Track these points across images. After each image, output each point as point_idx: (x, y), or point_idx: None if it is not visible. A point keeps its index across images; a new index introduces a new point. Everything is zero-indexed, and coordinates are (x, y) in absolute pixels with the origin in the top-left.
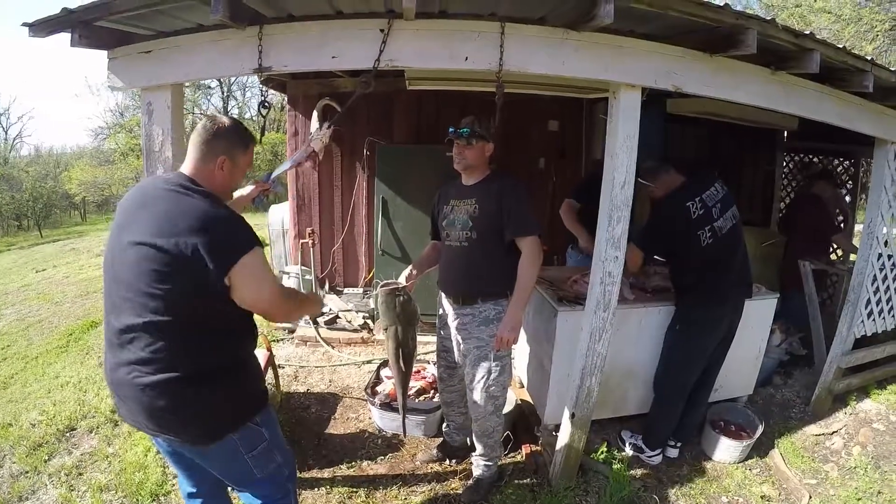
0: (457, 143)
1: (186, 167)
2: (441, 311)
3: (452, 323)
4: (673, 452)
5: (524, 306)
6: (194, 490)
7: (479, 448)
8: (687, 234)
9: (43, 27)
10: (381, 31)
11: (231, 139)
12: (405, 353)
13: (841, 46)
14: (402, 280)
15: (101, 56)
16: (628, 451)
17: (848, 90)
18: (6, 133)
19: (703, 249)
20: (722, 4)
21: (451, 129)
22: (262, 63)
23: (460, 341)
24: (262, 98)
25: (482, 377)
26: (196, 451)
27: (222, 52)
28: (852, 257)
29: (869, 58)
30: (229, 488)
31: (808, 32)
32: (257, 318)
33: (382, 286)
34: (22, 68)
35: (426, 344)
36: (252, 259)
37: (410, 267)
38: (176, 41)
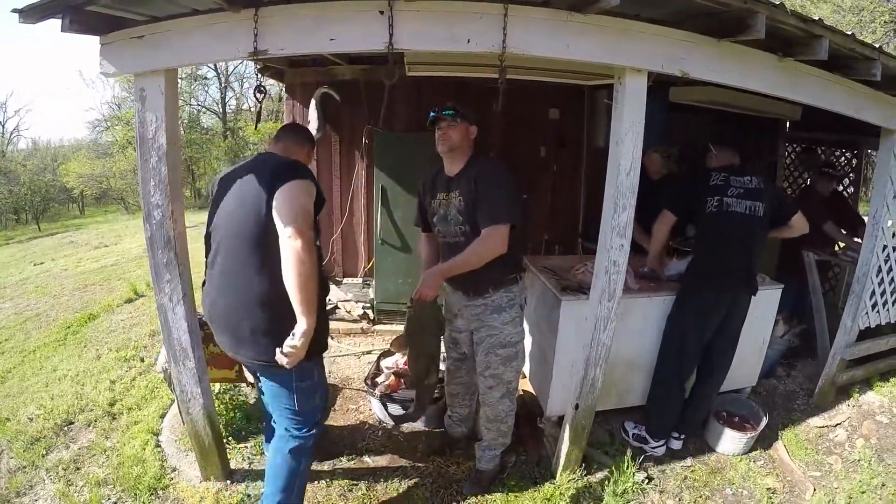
0: (440, 126)
1: None
2: (448, 305)
3: (463, 314)
4: (677, 444)
5: (446, 276)
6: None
7: (488, 435)
8: (698, 196)
9: (33, 13)
10: (381, 12)
11: None
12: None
13: (849, 34)
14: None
15: (94, 49)
16: (632, 441)
17: (855, 78)
18: (3, 127)
19: (706, 217)
20: None
21: (431, 113)
22: (258, 46)
23: (472, 331)
24: (258, 83)
25: (496, 363)
26: (259, 367)
27: (217, 37)
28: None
29: (877, 45)
30: None
31: (816, 18)
32: None
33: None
34: (17, 63)
35: None
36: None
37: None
38: (169, 25)
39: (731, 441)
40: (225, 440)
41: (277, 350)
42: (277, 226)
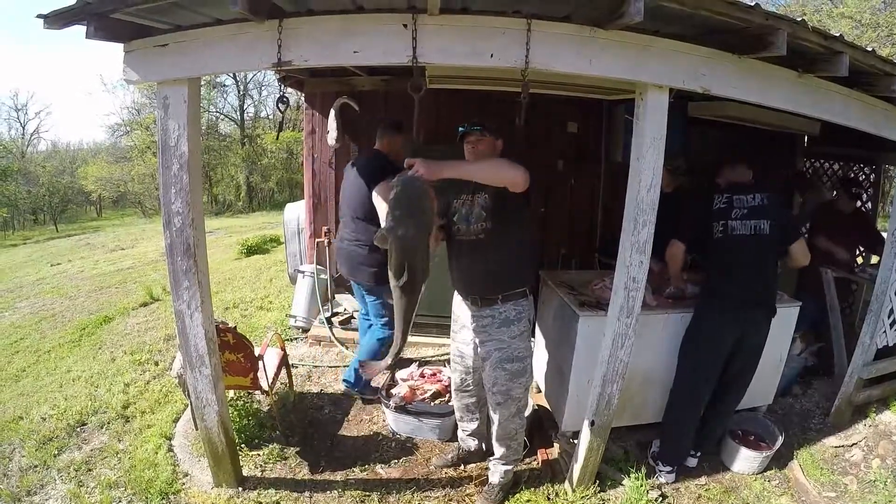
0: (468, 140)
1: None
2: (455, 317)
3: (471, 326)
4: (692, 462)
5: (453, 171)
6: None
7: (499, 451)
8: (705, 221)
9: (57, 19)
10: (404, 25)
11: None
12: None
13: (870, 50)
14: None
15: (115, 54)
16: (650, 460)
17: (874, 94)
18: (24, 128)
19: (715, 243)
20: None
21: (460, 129)
22: (282, 57)
23: (479, 344)
24: (280, 94)
25: (504, 380)
26: (364, 287)
27: (241, 46)
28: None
29: None
30: None
31: (837, 35)
32: (273, 317)
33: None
34: (37, 66)
35: (440, 346)
36: None
37: None
38: (193, 35)
39: (746, 460)
40: (238, 447)
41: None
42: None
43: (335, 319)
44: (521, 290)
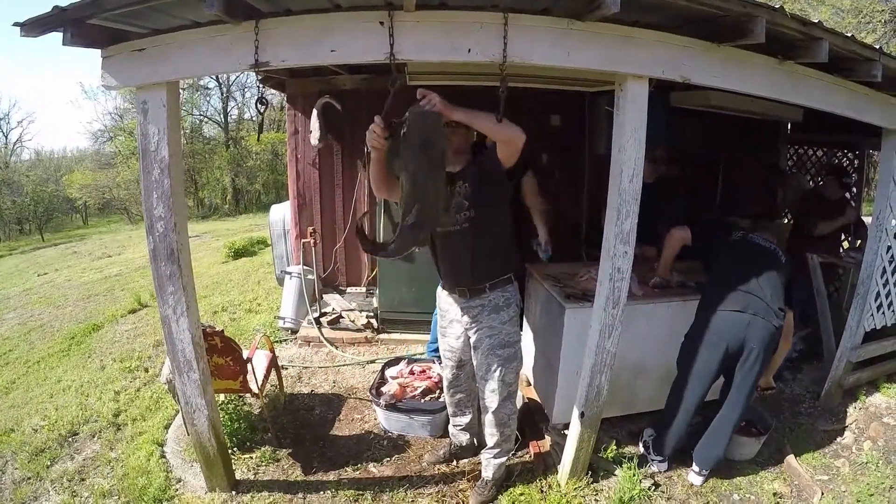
0: None
1: None
2: (443, 312)
3: (461, 319)
4: (697, 479)
5: (464, 116)
6: None
7: (491, 440)
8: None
9: (34, 26)
10: (381, 23)
11: None
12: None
13: (849, 35)
14: None
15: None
16: (641, 448)
17: (855, 80)
18: (6, 137)
19: (730, 244)
20: None
21: None
22: (259, 58)
23: (471, 335)
24: (260, 94)
25: (496, 365)
26: None
27: (218, 49)
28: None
29: (877, 45)
30: None
31: (816, 21)
32: (261, 319)
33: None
34: (19, 73)
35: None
36: None
37: None
38: (170, 38)
39: (737, 446)
40: (230, 451)
41: None
42: None
43: (324, 319)
44: (507, 276)
